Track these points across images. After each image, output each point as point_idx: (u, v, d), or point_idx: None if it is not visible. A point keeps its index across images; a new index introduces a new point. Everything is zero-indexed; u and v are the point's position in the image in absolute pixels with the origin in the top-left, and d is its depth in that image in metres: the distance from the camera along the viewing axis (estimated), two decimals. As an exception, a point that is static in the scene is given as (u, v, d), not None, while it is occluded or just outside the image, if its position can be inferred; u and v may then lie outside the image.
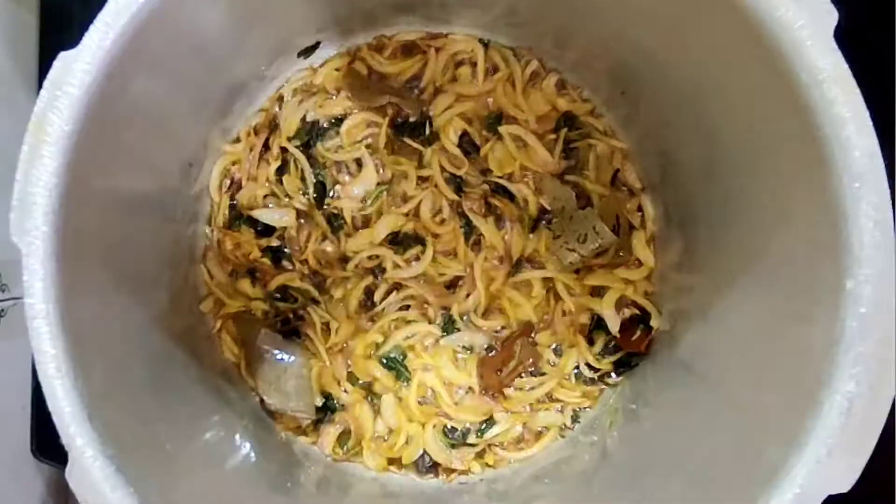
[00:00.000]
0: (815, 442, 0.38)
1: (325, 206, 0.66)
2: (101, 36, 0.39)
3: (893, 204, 0.37)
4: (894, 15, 0.60)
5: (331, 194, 0.66)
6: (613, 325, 0.65)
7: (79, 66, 0.39)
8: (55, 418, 0.40)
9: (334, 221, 0.66)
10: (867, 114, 0.37)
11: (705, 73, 0.49)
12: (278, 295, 0.66)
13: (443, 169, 0.65)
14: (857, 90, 0.37)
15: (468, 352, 0.66)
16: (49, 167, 0.39)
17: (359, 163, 0.66)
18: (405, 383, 0.66)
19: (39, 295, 0.40)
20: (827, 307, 0.39)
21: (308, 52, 0.65)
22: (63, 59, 0.39)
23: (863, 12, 0.43)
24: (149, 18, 0.40)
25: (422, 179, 0.66)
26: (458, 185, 0.66)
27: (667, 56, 0.52)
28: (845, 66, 0.37)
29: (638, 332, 0.65)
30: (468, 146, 0.66)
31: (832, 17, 0.37)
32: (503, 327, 0.66)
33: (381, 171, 0.66)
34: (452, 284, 0.66)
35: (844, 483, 0.38)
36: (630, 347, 0.65)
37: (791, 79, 0.38)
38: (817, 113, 0.37)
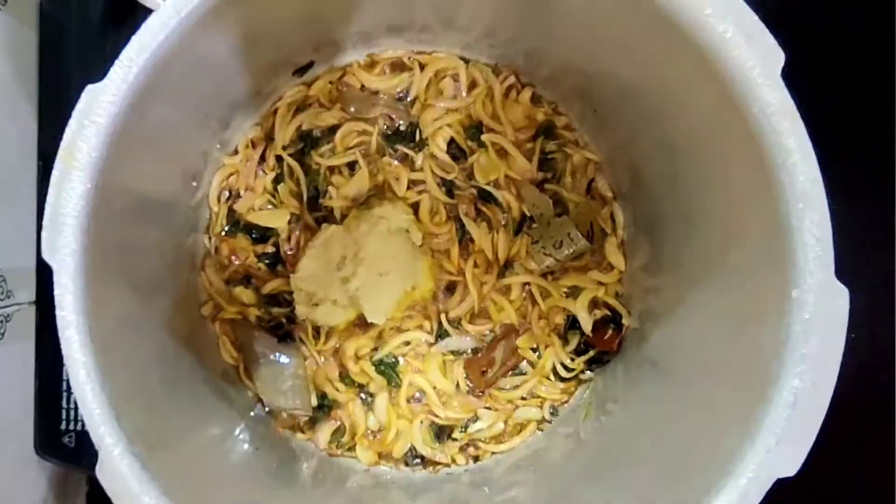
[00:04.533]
0: (764, 432, 0.42)
1: (318, 208, 0.69)
2: (126, 70, 0.42)
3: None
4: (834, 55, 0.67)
5: (325, 197, 0.69)
6: (587, 325, 0.68)
7: (105, 98, 0.42)
8: (86, 420, 0.43)
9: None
10: (810, 144, 0.41)
11: (670, 100, 0.53)
12: (273, 300, 0.69)
13: (433, 173, 0.69)
14: (801, 123, 0.41)
15: (455, 355, 0.69)
16: (78, 190, 0.42)
17: (351, 167, 0.69)
18: (395, 387, 0.69)
19: (70, 307, 0.43)
20: (775, 312, 0.43)
21: (302, 70, 0.68)
22: (90, 92, 0.42)
23: (805, 54, 0.48)
24: (169, 54, 0.43)
25: (413, 183, 0.69)
26: (448, 188, 0.69)
27: (635, 83, 0.56)
28: (791, 101, 0.41)
29: (609, 332, 0.68)
30: (456, 151, 0.69)
31: (780, 57, 0.42)
32: (491, 330, 0.70)
33: (374, 174, 0.69)
34: (448, 288, 0.69)
35: (791, 468, 0.42)
36: (602, 346, 0.68)
37: (744, 111, 0.42)
38: (767, 142, 0.41)
